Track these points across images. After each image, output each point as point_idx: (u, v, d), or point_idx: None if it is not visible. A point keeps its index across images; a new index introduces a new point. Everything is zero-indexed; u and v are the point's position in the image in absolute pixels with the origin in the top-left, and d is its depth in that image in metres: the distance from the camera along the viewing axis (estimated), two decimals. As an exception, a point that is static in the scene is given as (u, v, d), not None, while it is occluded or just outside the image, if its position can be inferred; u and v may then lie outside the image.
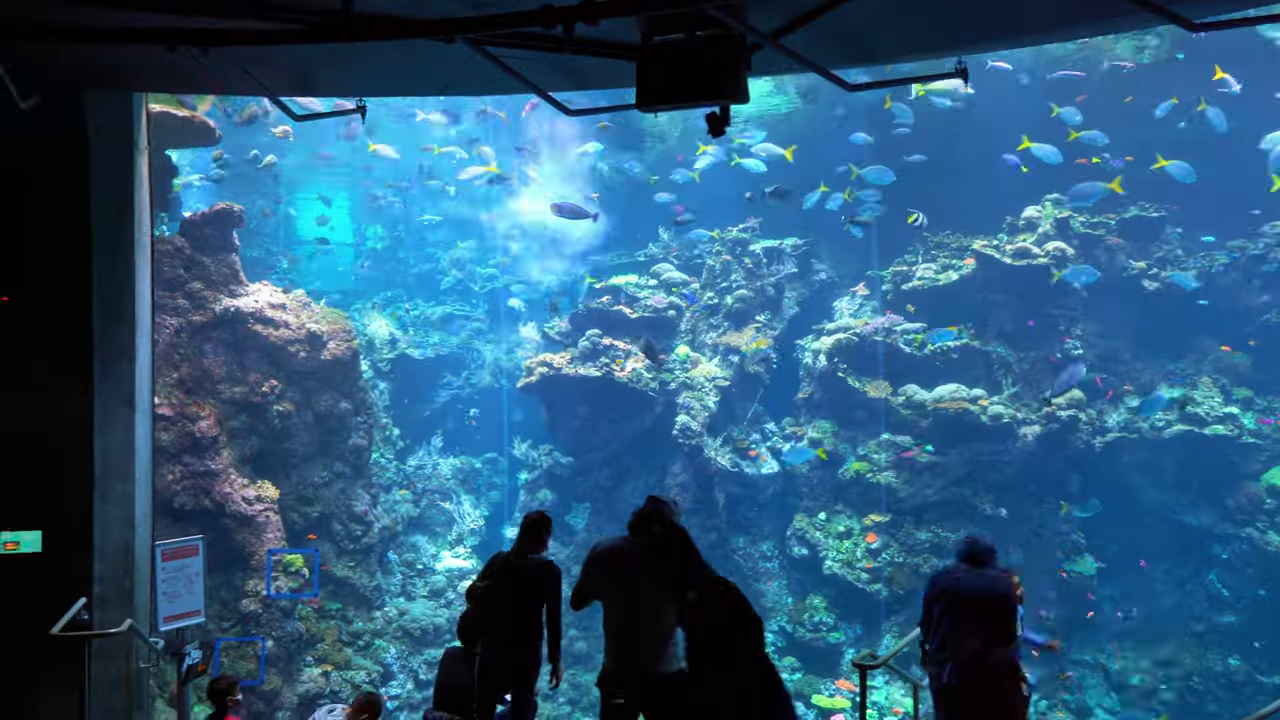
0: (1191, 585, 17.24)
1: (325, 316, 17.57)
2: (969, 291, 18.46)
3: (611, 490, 19.36)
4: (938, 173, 16.87)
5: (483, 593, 7.24)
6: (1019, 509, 17.21)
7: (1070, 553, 17.00)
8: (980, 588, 6.47)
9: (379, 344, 22.45)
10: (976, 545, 6.61)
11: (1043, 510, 17.31)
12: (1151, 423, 17.31)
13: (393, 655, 17.06)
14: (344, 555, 17.42)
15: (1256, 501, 16.71)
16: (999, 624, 6.42)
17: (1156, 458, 17.45)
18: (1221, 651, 16.60)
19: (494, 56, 5.72)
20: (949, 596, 6.52)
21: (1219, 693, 16.24)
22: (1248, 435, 17.00)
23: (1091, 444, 17.21)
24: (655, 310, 19.73)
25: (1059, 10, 5.56)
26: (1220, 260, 17.88)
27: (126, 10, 5.57)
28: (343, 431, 17.53)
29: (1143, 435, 17.28)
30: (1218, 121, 15.38)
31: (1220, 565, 17.03)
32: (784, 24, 5.35)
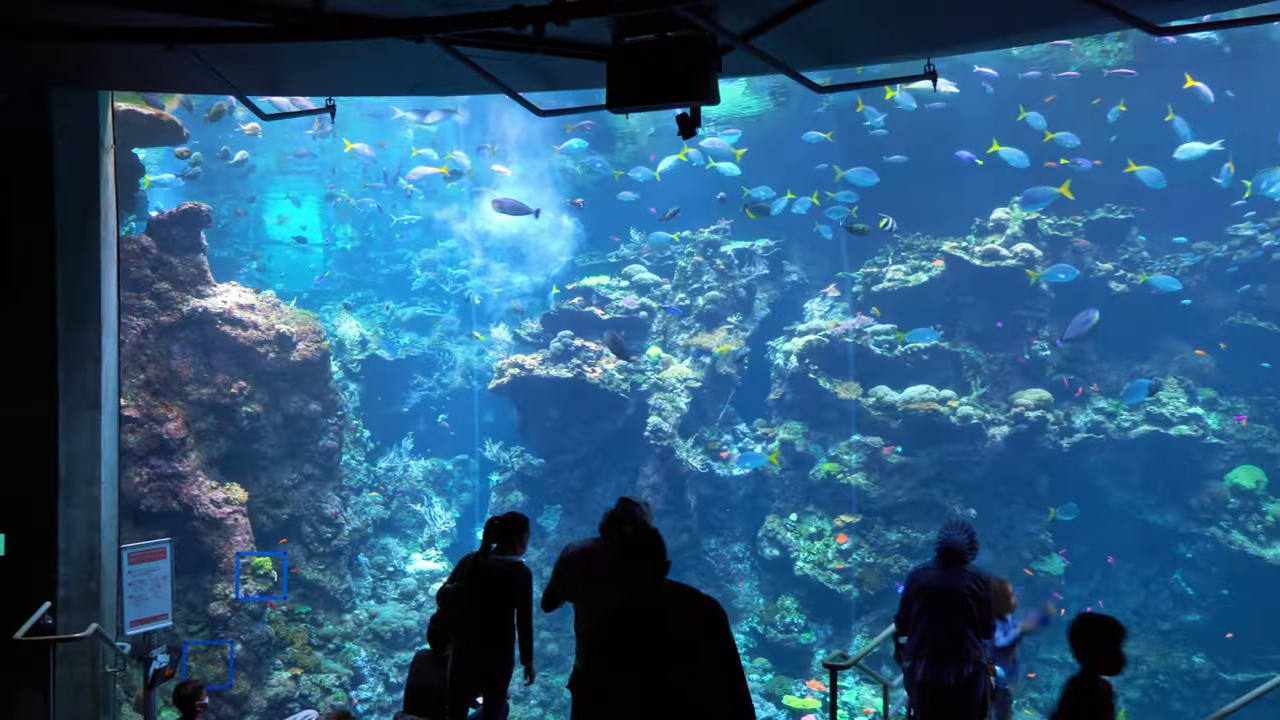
0: (1157, 584, 17.44)
1: (295, 317, 17.45)
2: (938, 293, 18.59)
3: (583, 492, 19.34)
4: (908, 174, 16.97)
5: (452, 595, 7.21)
6: (988, 509, 17.34)
7: (1038, 552, 17.15)
8: (955, 584, 6.55)
9: (349, 345, 22.33)
10: (953, 545, 6.68)
11: (1011, 510, 17.45)
12: (1118, 423, 17.50)
13: (363, 658, 16.96)
14: (314, 558, 17.30)
15: (1220, 501, 16.92)
16: (972, 620, 6.49)
17: (1123, 458, 17.64)
18: (1186, 650, 16.80)
19: (464, 56, 5.70)
20: (927, 593, 6.60)
21: (1184, 691, 16.43)
22: (1211, 435, 17.22)
23: (1059, 445, 17.37)
24: (627, 311, 19.73)
25: (1025, 14, 5.61)
26: (1185, 262, 18.10)
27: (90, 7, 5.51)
28: (312, 433, 17.41)
29: (1109, 436, 17.47)
30: (1184, 132, 15.54)
31: (1185, 564, 17.24)
32: (754, 25, 5.36)
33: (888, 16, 5.64)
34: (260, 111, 7.82)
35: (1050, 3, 5.01)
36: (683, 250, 20.50)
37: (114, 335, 9.13)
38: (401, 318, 24.41)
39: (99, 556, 8.82)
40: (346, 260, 26.78)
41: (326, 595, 17.21)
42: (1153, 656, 16.72)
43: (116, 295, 9.19)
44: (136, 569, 9.83)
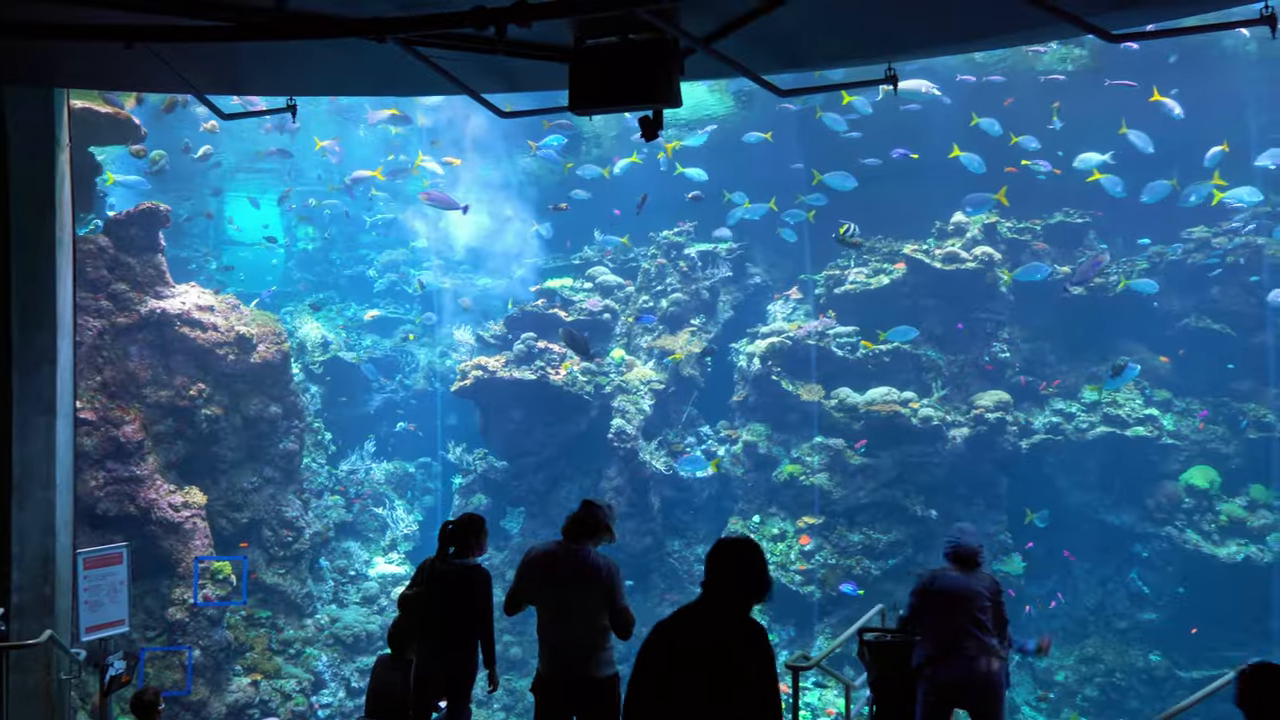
0: (1114, 584, 17.69)
1: (255, 319, 17.29)
2: (899, 296, 18.74)
3: (546, 494, 19.31)
4: (869, 178, 17.07)
5: (412, 600, 7.17)
6: (948, 510, 17.49)
7: (998, 553, 17.33)
8: (974, 587, 6.75)
9: (311, 347, 22.14)
10: (968, 549, 6.90)
11: (971, 511, 17.60)
12: (1076, 425, 17.73)
13: (324, 663, 16.83)
14: (274, 562, 17.15)
15: (1175, 501, 17.19)
16: (989, 622, 6.68)
17: (1080, 459, 17.88)
18: (1143, 648, 17.06)
19: (425, 57, 5.68)
20: (946, 595, 6.76)
21: (1140, 688, 16.68)
22: (1167, 436, 17.49)
23: (1018, 446, 17.57)
24: (590, 313, 19.73)
25: (984, 20, 5.68)
26: (1140, 265, 18.37)
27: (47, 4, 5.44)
28: (273, 436, 17.25)
29: (1067, 437, 17.69)
30: (1142, 144, 15.73)
31: (1141, 564, 17.49)
32: (716, 29, 5.39)
33: (847, 21, 5.69)
34: (220, 111, 7.75)
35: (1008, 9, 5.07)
36: (646, 252, 20.53)
37: (69, 337, 9.01)
38: (364, 319, 24.24)
39: (53, 561, 8.70)
40: (308, 261, 26.55)
41: (287, 600, 17.06)
42: (1110, 655, 16.96)
43: (72, 296, 9.07)
44: (92, 574, 9.69)
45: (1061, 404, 18.07)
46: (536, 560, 6.52)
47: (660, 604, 18.07)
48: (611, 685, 6.44)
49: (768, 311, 20.12)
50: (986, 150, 16.46)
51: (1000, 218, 18.60)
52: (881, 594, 16.35)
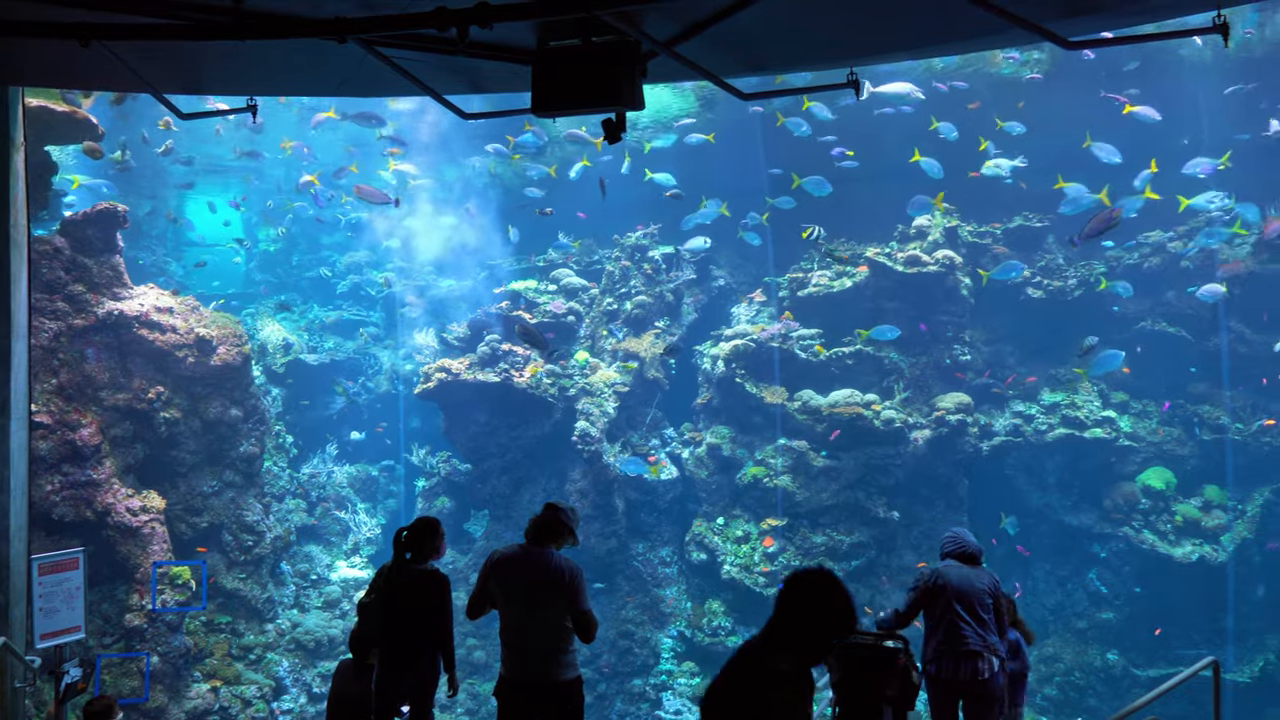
0: (1073, 584, 17.90)
1: (215, 321, 17.12)
2: (862, 298, 18.87)
3: (510, 497, 19.26)
4: (833, 181, 17.14)
5: (371, 608, 7.12)
6: (910, 511, 17.64)
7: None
8: (980, 583, 6.92)
9: (272, 349, 21.93)
10: (972, 547, 7.12)
11: (933, 512, 17.76)
12: (1035, 426, 17.92)
13: (285, 669, 16.67)
14: (234, 566, 16.97)
15: (1132, 501, 17.43)
16: (993, 618, 6.86)
17: (1040, 460, 18.08)
18: (1101, 647, 17.27)
19: (386, 58, 5.65)
20: (950, 597, 6.88)
21: (1099, 687, 16.89)
22: (1124, 438, 17.73)
23: (979, 448, 17.74)
24: (555, 316, 19.71)
25: (943, 26, 5.74)
26: (1098, 269, 18.61)
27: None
28: (233, 439, 17.08)
29: (1027, 439, 17.89)
30: (1108, 157, 15.91)
31: (1099, 564, 17.71)
32: (679, 32, 5.40)
33: (808, 26, 5.72)
34: (178, 110, 7.66)
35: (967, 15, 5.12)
36: (610, 255, 20.54)
37: (24, 338, 8.87)
38: (326, 321, 24.05)
39: (7, 567, 8.57)
40: (269, 263, 26.31)
41: (248, 604, 16.89)
42: (1069, 654, 17.15)
43: (27, 297, 8.93)
44: (47, 580, 9.54)
45: (1021, 406, 18.26)
46: (499, 563, 6.49)
47: (624, 606, 18.08)
48: (574, 688, 6.43)
49: (732, 314, 20.19)
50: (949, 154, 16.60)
51: (961, 221, 18.78)
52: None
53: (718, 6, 5.07)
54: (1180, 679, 7.15)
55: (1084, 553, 17.90)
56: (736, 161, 18.98)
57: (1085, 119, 16.57)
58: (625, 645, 17.69)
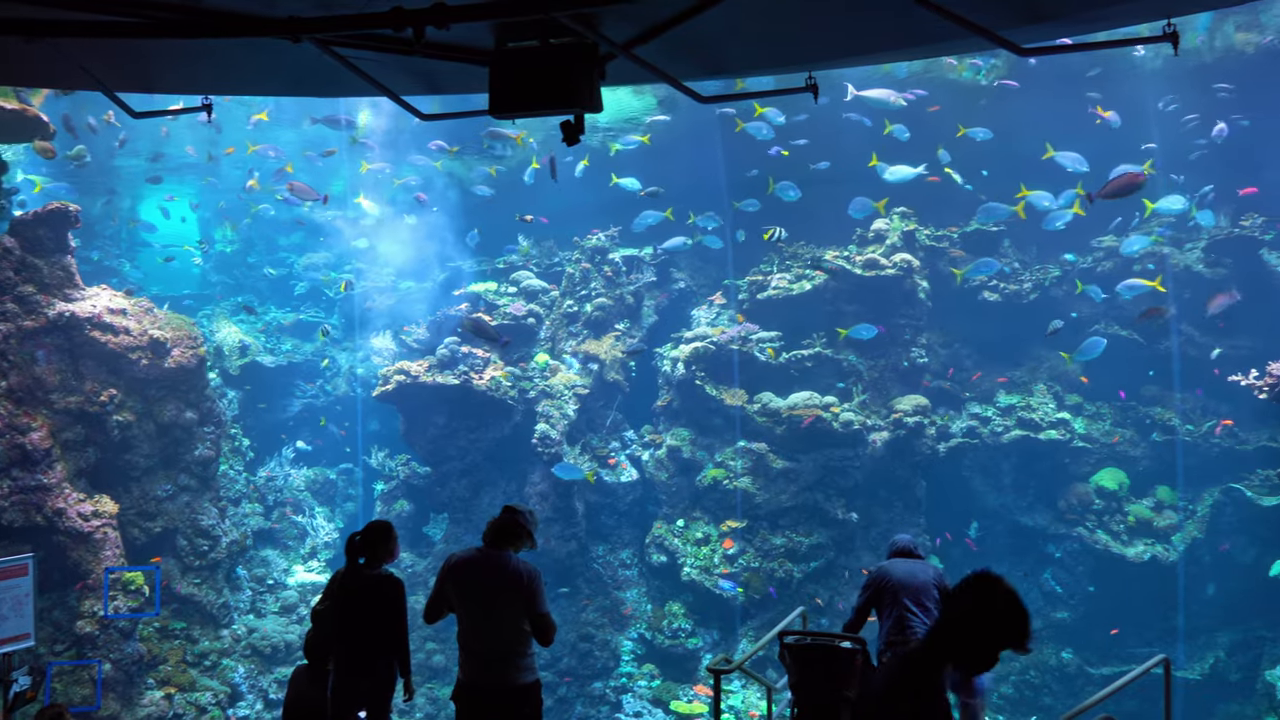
0: (1028, 583, 18.10)
1: (169, 322, 16.89)
2: (821, 301, 18.97)
3: (470, 500, 19.16)
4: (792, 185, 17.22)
5: (326, 614, 7.06)
6: (868, 513, 17.76)
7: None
8: (923, 575, 7.23)
9: (228, 351, 21.68)
10: (910, 543, 7.58)
11: (891, 514, 17.90)
12: (991, 428, 18.13)
13: (241, 675, 16.48)
14: (189, 572, 16.75)
15: (1086, 502, 17.67)
16: (934, 609, 7.09)
17: (996, 462, 18.28)
18: (1056, 646, 17.48)
19: (342, 58, 5.59)
20: (898, 587, 7.15)
21: (1053, 685, 17.09)
22: (1078, 440, 17.97)
23: (936, 449, 17.90)
24: (515, 318, 19.63)
25: (901, 32, 5.77)
26: (1053, 273, 18.84)
27: (-59, -4, 5.24)
28: (188, 442, 16.87)
29: (983, 440, 18.08)
30: (1074, 165, 16.09)
31: (1054, 564, 17.94)
32: (637, 34, 5.39)
33: (767, 30, 5.73)
34: (130, 109, 7.54)
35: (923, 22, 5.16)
36: (570, 257, 20.51)
37: (-29, 341, 8.69)
38: (284, 323, 23.82)
39: (-47, 573, 8.38)
40: (225, 264, 26.00)
41: (203, 610, 16.68)
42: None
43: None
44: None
45: (978, 408, 18.46)
46: (457, 567, 6.46)
47: (584, 609, 18.05)
48: (533, 692, 6.42)
49: (692, 316, 20.22)
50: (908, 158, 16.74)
51: (919, 225, 18.95)
52: (804, 596, 16.57)
53: (676, 10, 5.06)
54: (1132, 677, 7.25)
55: (1039, 553, 18.12)
56: (698, 164, 19.02)
57: (1045, 124, 16.79)
58: (585, 648, 17.66)
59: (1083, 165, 15.93)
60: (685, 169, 18.79)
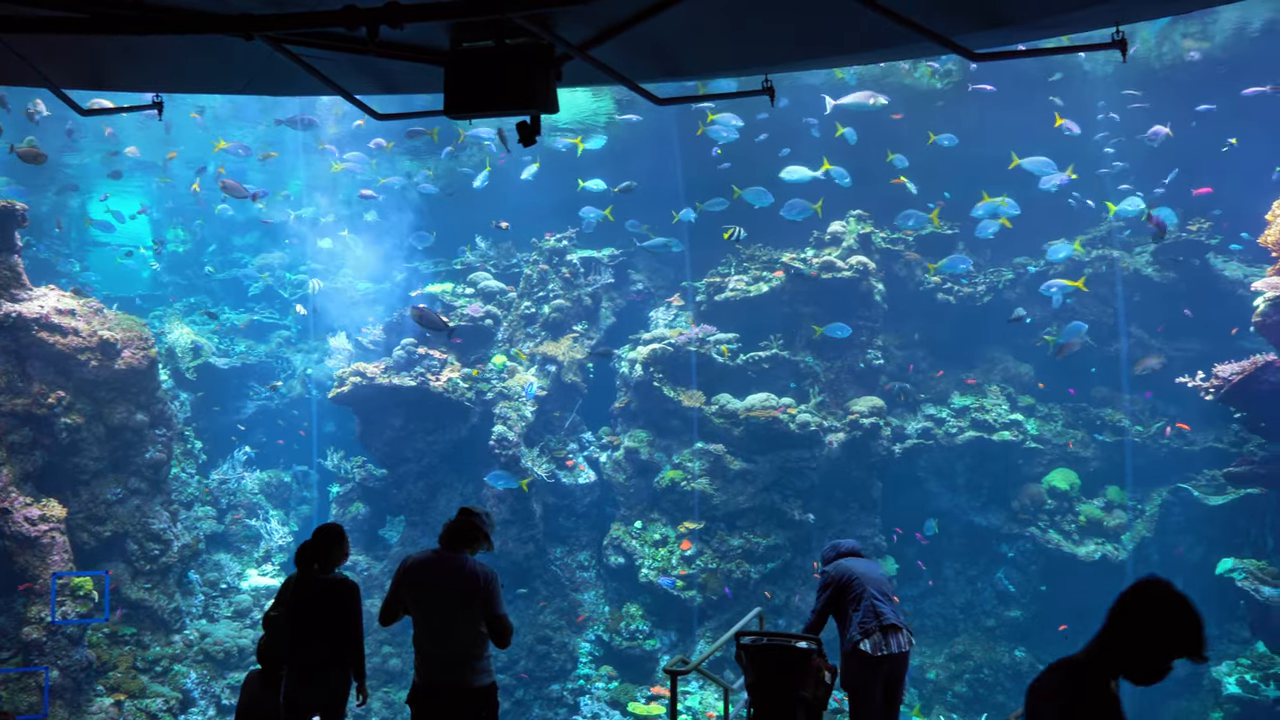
0: (982, 583, 18.32)
1: (120, 323, 16.64)
2: (778, 303, 19.07)
3: (427, 502, 19.04)
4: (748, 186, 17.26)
5: (279, 621, 6.98)
6: (825, 514, 17.86)
7: (873, 555, 17.74)
8: (877, 569, 7.51)
9: (180, 352, 21.38)
10: (857, 545, 7.82)
11: (847, 515, 18.02)
12: (946, 429, 18.31)
13: (193, 680, 16.26)
14: (140, 576, 16.51)
15: (1038, 502, 17.90)
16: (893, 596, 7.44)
17: (950, 462, 18.47)
18: (1009, 644, 17.70)
19: (295, 56, 5.54)
20: (859, 580, 7.34)
21: (1006, 683, 17.29)
22: (1031, 440, 18.20)
23: (891, 450, 18.04)
24: (472, 319, 19.53)
25: (855, 36, 5.81)
26: (1007, 276, 19.07)
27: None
28: (139, 445, 16.62)
29: (938, 441, 18.25)
30: (1038, 169, 16.28)
31: (1007, 563, 18.15)
32: (593, 36, 5.38)
33: (723, 33, 5.75)
34: (78, 106, 7.43)
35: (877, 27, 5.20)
36: (529, 258, 20.45)
37: (-88, 341, 8.50)
38: (238, 324, 23.53)
39: (-107, 580, 8.20)
40: (178, 264, 25.64)
41: (154, 615, 16.45)
42: (978, 651, 17.54)
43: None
44: (-63, 592, 9.17)
45: (932, 409, 18.64)
46: (412, 569, 6.44)
47: (542, 611, 18.00)
48: (489, 694, 6.40)
49: (650, 318, 20.24)
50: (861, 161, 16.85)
51: (875, 228, 19.10)
52: (761, 597, 16.64)
53: (631, 11, 5.07)
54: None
55: (992, 552, 18.33)
56: (656, 165, 19.04)
57: (1001, 128, 16.99)
58: (543, 650, 17.61)
59: (1050, 169, 16.17)
60: (644, 170, 18.79)
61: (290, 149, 20.81)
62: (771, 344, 18.79)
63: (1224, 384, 14.65)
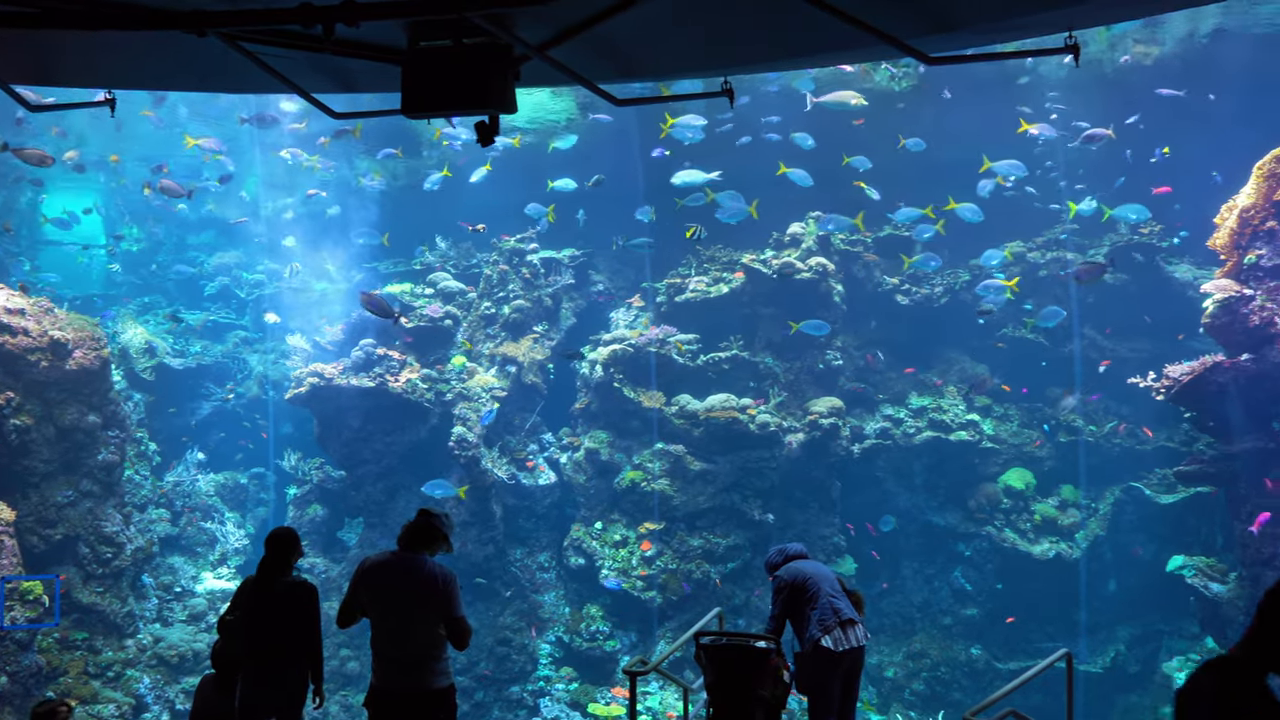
0: (939, 581, 18.49)
1: (71, 323, 16.38)
2: (738, 304, 19.14)
3: (386, 504, 18.90)
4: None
5: (235, 625, 6.90)
6: (784, 514, 17.95)
7: (832, 555, 17.87)
8: (826, 572, 7.54)
9: (134, 353, 21.06)
10: (803, 548, 7.85)
11: (807, 515, 18.12)
12: (904, 430, 18.46)
13: (146, 685, 16.04)
14: (92, 580, 16.26)
15: (994, 502, 18.11)
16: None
17: (908, 462, 18.62)
18: (965, 642, 17.89)
19: (250, 53, 5.48)
20: (814, 579, 7.39)
21: (963, 681, 17.48)
22: (987, 440, 18.40)
23: (850, 450, 18.15)
24: (431, 319, 19.41)
25: (812, 39, 5.85)
26: (964, 278, 19.27)
27: None
28: (91, 446, 16.37)
29: (896, 442, 18.40)
30: (1010, 172, 16.45)
31: (964, 562, 18.34)
32: (551, 36, 5.37)
33: (681, 34, 5.76)
34: (26, 103, 7.30)
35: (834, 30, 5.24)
36: (489, 258, 20.36)
37: None
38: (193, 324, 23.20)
39: None
40: (132, 263, 25.26)
41: (106, 619, 16.21)
42: (935, 649, 17.71)
43: None
44: (-119, 598, 8.99)
45: (890, 409, 18.78)
46: (370, 571, 6.40)
47: (502, 613, 17.94)
48: (447, 696, 6.37)
49: (610, 319, 20.23)
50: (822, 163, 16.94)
51: (833, 230, 19.18)
52: (721, 597, 16.68)
53: (588, 13, 5.06)
54: (1036, 671, 7.44)
55: (949, 551, 18.51)
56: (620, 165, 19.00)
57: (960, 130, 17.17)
58: (503, 652, 17.56)
59: (1021, 170, 16.36)
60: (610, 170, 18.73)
61: (247, 147, 20.55)
62: (732, 345, 18.85)
63: (1174, 384, 14.89)
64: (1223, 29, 16.33)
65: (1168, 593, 16.55)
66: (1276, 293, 14.49)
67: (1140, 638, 17.32)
